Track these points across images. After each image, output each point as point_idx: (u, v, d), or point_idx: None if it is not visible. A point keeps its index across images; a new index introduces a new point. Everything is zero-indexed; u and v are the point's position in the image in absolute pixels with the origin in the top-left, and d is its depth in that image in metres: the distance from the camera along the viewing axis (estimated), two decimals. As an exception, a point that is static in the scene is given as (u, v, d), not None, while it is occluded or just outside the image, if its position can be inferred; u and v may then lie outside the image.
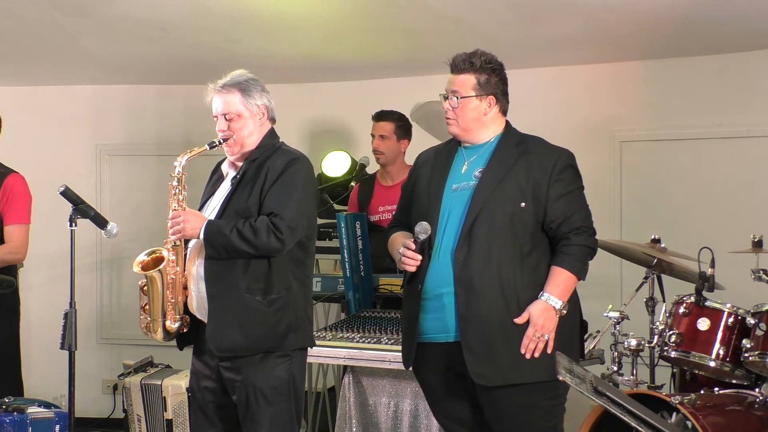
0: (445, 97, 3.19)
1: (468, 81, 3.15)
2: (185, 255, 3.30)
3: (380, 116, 5.04)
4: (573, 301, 3.17)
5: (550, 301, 3.03)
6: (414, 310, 3.14)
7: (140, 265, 3.26)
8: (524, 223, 3.06)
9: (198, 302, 3.26)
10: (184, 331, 3.29)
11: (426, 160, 3.33)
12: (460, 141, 3.24)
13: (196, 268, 3.25)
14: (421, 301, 3.12)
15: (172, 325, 3.25)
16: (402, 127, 5.03)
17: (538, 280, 3.07)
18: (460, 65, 3.16)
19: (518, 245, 3.05)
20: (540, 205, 3.07)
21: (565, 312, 3.05)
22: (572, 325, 3.20)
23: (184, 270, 3.28)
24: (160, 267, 3.20)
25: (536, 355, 3.00)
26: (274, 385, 3.22)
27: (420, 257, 3.09)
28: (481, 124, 3.18)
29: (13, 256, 4.33)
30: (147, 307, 3.26)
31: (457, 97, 3.15)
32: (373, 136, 5.05)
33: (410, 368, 3.25)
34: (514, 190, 3.07)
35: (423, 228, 3.06)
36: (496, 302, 3.02)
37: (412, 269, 3.11)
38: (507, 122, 3.24)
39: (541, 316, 3.01)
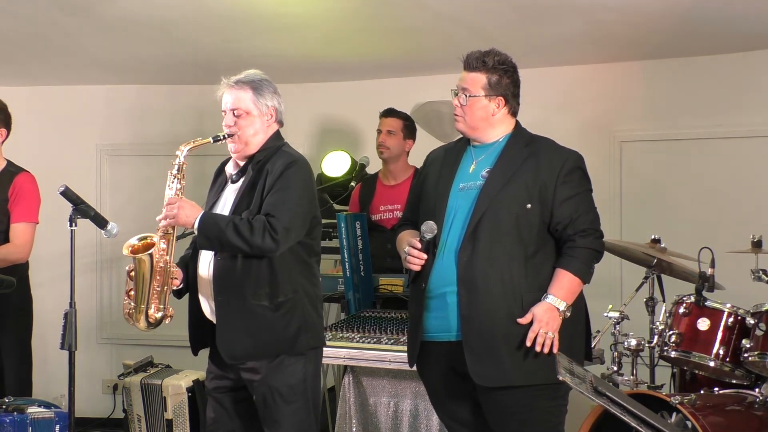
0: (455, 93, 3.16)
1: (479, 80, 3.12)
2: (197, 256, 3.31)
3: (389, 113, 5.06)
4: (579, 305, 3.14)
5: (555, 302, 2.99)
6: (418, 309, 3.13)
7: (130, 249, 3.22)
8: (530, 225, 3.03)
9: (211, 306, 3.28)
10: (167, 322, 3.27)
11: (435, 159, 3.32)
12: (469, 140, 3.22)
13: (207, 272, 3.26)
14: (425, 300, 3.10)
15: (156, 314, 3.23)
16: (409, 127, 5.05)
17: (542, 281, 3.04)
18: (472, 63, 3.13)
19: (523, 246, 3.03)
20: (546, 207, 3.05)
21: (569, 314, 3.02)
22: (577, 329, 3.17)
23: (196, 269, 3.30)
24: (151, 251, 3.17)
25: (545, 350, 2.96)
26: (291, 383, 3.24)
27: (425, 256, 3.08)
28: (489, 124, 3.15)
29: (14, 255, 4.28)
30: (132, 292, 3.23)
31: (466, 95, 3.12)
32: (379, 132, 5.04)
33: (414, 367, 3.24)
34: (521, 191, 3.04)
35: (429, 227, 3.05)
36: (499, 303, 3.00)
37: (417, 268, 3.10)
38: (517, 123, 3.22)
39: (545, 315, 2.98)
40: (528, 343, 2.96)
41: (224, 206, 3.32)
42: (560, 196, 3.05)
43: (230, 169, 3.40)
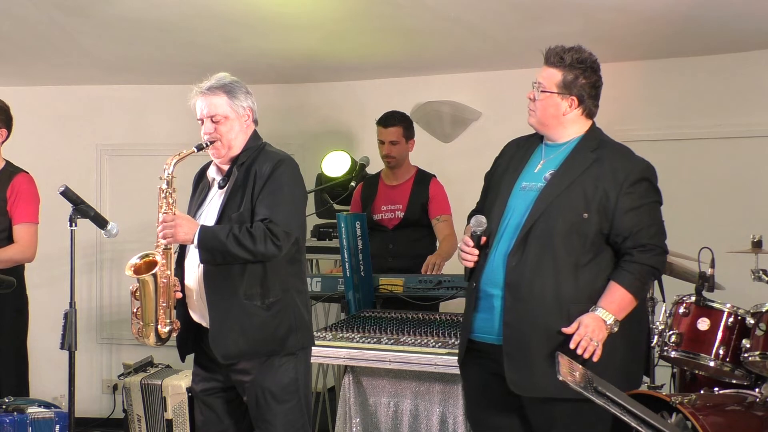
0: (533, 86, 3.07)
1: (554, 76, 3.03)
2: (183, 262, 3.31)
3: (388, 122, 4.92)
4: (641, 322, 3.06)
5: (603, 315, 2.89)
6: (470, 306, 3.09)
7: (132, 269, 3.23)
8: (584, 234, 2.93)
9: (200, 310, 3.27)
10: (174, 335, 3.28)
11: (508, 150, 3.24)
12: (542, 136, 3.13)
13: (196, 276, 3.25)
14: (475, 299, 3.06)
15: (164, 329, 3.23)
16: (408, 128, 4.96)
17: (592, 293, 2.93)
18: (551, 58, 3.04)
19: (575, 256, 2.93)
20: (606, 217, 2.94)
21: (616, 329, 2.91)
22: (637, 347, 3.07)
23: (182, 276, 3.29)
24: (154, 271, 3.17)
25: (586, 356, 2.86)
26: (283, 383, 3.24)
27: (477, 252, 3.02)
28: (560, 123, 3.06)
29: (23, 256, 4.34)
30: (139, 312, 3.23)
31: (540, 90, 3.04)
32: (381, 142, 4.94)
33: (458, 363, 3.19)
34: (579, 199, 2.94)
35: (478, 221, 3.01)
36: (543, 312, 2.92)
37: (470, 265, 3.05)
38: (592, 125, 3.12)
39: (592, 323, 2.88)
40: (572, 345, 2.86)
41: (210, 213, 3.30)
42: (622, 207, 2.94)
43: (213, 174, 3.38)
